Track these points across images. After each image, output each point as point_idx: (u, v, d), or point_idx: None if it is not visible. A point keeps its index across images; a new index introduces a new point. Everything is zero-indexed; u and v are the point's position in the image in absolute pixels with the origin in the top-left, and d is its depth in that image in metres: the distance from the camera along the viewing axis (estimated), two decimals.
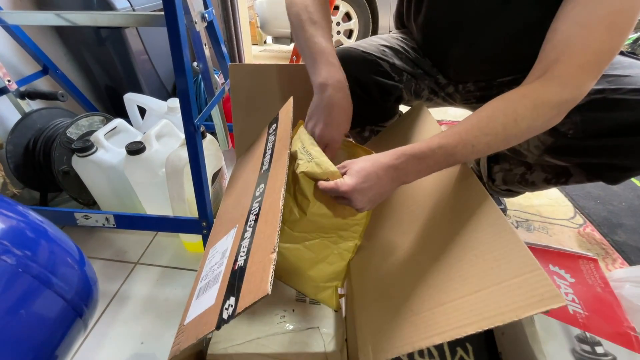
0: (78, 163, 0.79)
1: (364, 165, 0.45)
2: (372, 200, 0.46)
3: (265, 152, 0.61)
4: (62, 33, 1.06)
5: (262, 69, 0.76)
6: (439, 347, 0.54)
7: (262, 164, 0.59)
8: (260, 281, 0.32)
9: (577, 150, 0.54)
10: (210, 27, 0.77)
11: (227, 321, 0.34)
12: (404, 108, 0.80)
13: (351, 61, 0.63)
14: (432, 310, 0.39)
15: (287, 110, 0.63)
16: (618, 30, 0.39)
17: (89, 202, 0.93)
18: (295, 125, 0.64)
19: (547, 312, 0.38)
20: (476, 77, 0.68)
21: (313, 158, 0.51)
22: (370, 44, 0.68)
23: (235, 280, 0.38)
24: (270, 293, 0.30)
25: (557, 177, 0.64)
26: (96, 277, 0.48)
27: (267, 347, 0.57)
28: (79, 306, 0.42)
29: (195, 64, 1.05)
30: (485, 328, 0.32)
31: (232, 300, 0.35)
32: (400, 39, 0.73)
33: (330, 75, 0.52)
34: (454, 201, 0.47)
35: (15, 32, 0.85)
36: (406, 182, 0.46)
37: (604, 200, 0.98)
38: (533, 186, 0.70)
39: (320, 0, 0.58)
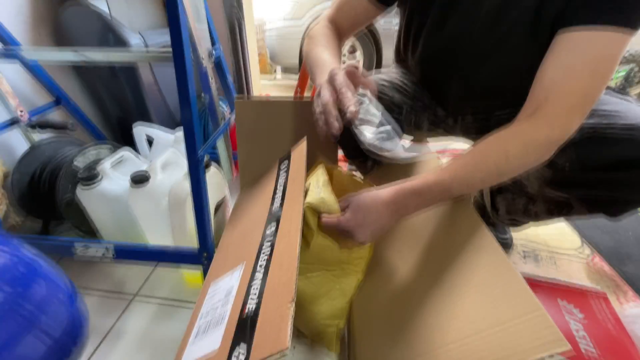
0: (82, 193, 0.80)
1: (364, 201, 0.47)
2: (373, 233, 0.47)
3: (276, 189, 0.62)
4: (78, 67, 1.11)
5: (266, 104, 0.79)
6: None
7: (273, 200, 0.59)
8: (278, 332, 0.31)
9: (576, 183, 0.54)
10: (217, 62, 0.81)
11: None
12: None
13: None
14: (435, 351, 0.38)
15: (300, 149, 0.64)
16: (600, 76, 0.42)
17: (91, 232, 0.93)
18: (313, 164, 0.66)
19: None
20: (474, 111, 0.69)
21: (321, 193, 0.53)
22: None
23: (246, 327, 0.37)
24: (289, 348, 0.29)
25: (559, 209, 0.63)
26: (87, 313, 0.47)
27: None
28: (66, 346, 0.40)
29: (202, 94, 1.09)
30: None
31: (243, 347, 0.34)
32: (400, 73, 0.75)
33: None
34: (455, 236, 0.47)
35: (32, 66, 0.90)
36: (406, 215, 0.47)
37: (610, 230, 0.96)
38: (537, 217, 0.69)
39: (331, 34, 0.62)
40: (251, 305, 0.40)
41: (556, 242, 0.94)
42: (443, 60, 0.61)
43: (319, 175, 0.58)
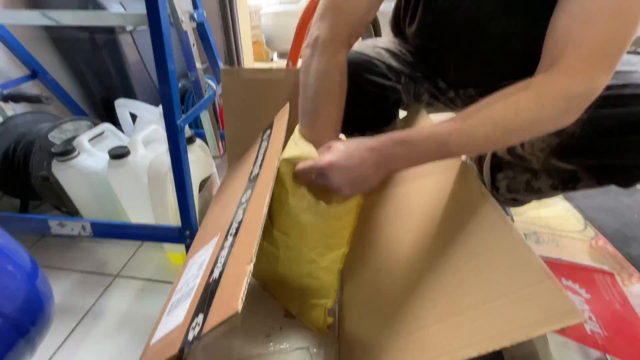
0: (58, 168, 0.76)
1: (348, 145, 0.42)
2: (352, 183, 0.42)
3: (256, 159, 0.58)
4: (57, 40, 1.05)
5: (255, 73, 0.74)
6: None
7: (253, 169, 0.55)
8: (231, 296, 0.28)
9: (585, 150, 0.50)
10: (200, 29, 0.75)
11: (191, 343, 0.29)
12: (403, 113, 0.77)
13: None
14: (429, 328, 0.34)
15: (281, 116, 0.60)
16: (625, 18, 0.35)
17: (72, 211, 0.89)
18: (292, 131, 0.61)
19: (562, 331, 0.33)
20: (476, 82, 0.65)
21: (299, 146, 0.48)
22: (366, 45, 0.65)
23: (207, 296, 0.34)
24: (240, 311, 0.26)
25: (564, 183, 0.59)
26: (51, 292, 0.43)
27: None
28: (21, 324, 0.36)
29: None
30: (491, 350, 0.27)
31: (200, 318, 0.31)
32: (398, 42, 0.70)
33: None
34: (453, 202, 0.42)
35: (5, 38, 0.84)
36: (394, 170, 0.42)
37: (615, 213, 0.92)
38: (539, 193, 0.65)
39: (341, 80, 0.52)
40: (215, 274, 0.37)
41: (559, 224, 0.90)
42: (441, 28, 0.57)
43: (297, 134, 0.53)
